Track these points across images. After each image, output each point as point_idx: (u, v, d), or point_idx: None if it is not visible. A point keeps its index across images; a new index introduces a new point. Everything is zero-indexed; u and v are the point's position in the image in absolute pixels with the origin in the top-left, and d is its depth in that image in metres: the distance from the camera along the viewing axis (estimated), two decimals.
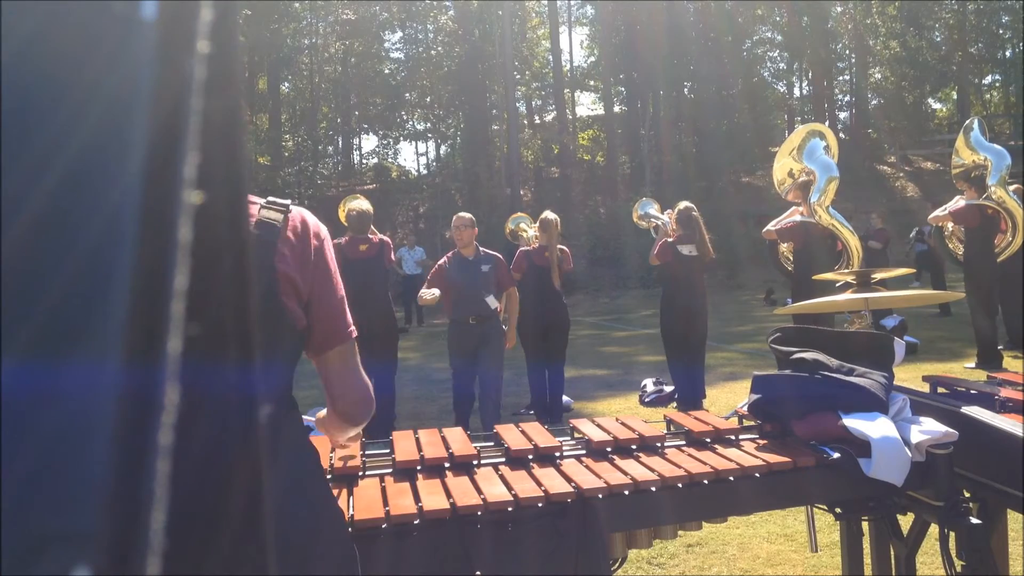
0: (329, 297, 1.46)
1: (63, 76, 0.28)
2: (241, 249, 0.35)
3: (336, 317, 1.47)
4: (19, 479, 0.25)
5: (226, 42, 0.33)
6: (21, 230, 0.27)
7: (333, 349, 1.48)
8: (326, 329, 1.46)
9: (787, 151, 6.81)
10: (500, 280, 6.06)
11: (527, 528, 1.80)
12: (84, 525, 0.25)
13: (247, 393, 0.36)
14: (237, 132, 0.36)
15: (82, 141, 0.28)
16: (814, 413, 2.22)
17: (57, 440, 0.26)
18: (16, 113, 0.27)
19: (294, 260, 1.39)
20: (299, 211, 1.46)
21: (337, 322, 1.48)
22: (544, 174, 30.68)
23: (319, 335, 1.46)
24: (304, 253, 1.41)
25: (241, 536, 0.34)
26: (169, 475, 0.28)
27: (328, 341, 1.47)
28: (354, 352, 1.52)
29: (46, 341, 0.26)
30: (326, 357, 1.49)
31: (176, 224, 0.29)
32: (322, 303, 1.44)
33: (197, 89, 0.31)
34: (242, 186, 0.36)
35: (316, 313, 1.44)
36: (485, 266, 5.95)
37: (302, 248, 1.41)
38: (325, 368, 1.50)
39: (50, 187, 0.27)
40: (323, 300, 1.44)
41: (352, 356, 1.51)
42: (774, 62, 35.14)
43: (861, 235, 8.17)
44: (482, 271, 5.92)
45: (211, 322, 0.32)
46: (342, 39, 30.27)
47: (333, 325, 1.47)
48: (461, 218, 6.13)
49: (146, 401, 0.27)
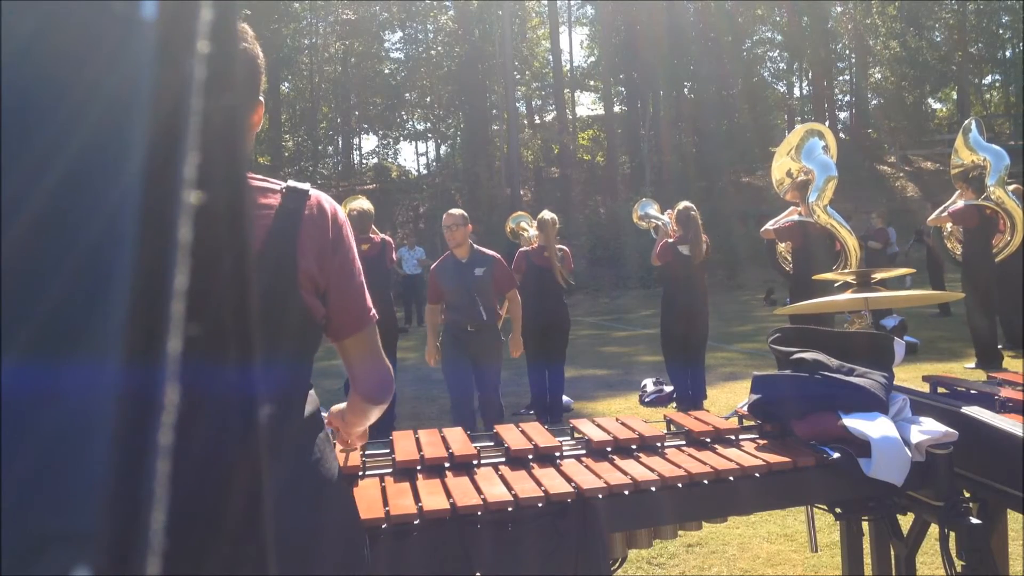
0: (349, 283, 1.46)
1: (63, 76, 0.28)
2: (241, 249, 0.35)
3: (357, 302, 1.47)
4: (19, 479, 0.25)
5: (226, 42, 0.33)
6: (21, 230, 0.27)
7: (355, 334, 1.48)
8: (347, 315, 1.46)
9: (786, 150, 6.81)
10: (498, 283, 5.50)
11: (527, 528, 1.80)
12: (84, 525, 0.25)
13: (247, 393, 0.36)
14: (237, 132, 0.36)
15: (82, 141, 0.28)
16: (814, 413, 2.22)
17: (57, 440, 0.26)
18: (16, 113, 0.27)
19: (313, 248, 1.39)
20: (317, 195, 1.45)
21: (358, 307, 1.48)
22: (544, 174, 30.68)
23: (341, 321, 1.46)
24: (323, 240, 1.41)
25: (241, 536, 0.34)
26: (169, 475, 0.28)
27: (350, 326, 1.47)
28: (375, 334, 1.53)
29: (46, 341, 0.26)
30: (348, 342, 1.49)
31: (176, 224, 0.29)
32: (342, 289, 1.44)
33: (197, 89, 0.31)
34: (242, 186, 0.36)
35: (337, 299, 1.44)
36: (479, 269, 5.38)
37: (321, 235, 1.41)
38: (347, 352, 1.50)
39: (50, 187, 0.27)
40: (344, 286, 1.44)
41: (374, 339, 1.52)
42: (774, 62, 35.17)
43: (861, 235, 8.17)
44: (475, 275, 5.35)
45: (211, 322, 0.32)
46: (342, 39, 30.27)
47: (355, 310, 1.47)
48: (451, 216, 5.46)
49: (146, 401, 0.27)
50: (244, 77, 1.39)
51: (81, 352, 0.26)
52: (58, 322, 0.26)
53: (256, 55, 1.39)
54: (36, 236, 0.27)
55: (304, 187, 1.44)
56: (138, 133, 0.28)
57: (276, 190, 1.41)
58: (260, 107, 1.46)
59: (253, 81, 1.40)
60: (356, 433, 1.72)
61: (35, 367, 0.26)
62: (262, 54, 1.42)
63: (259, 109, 1.46)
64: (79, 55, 0.28)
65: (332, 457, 1.48)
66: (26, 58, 0.28)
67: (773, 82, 35.08)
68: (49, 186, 0.27)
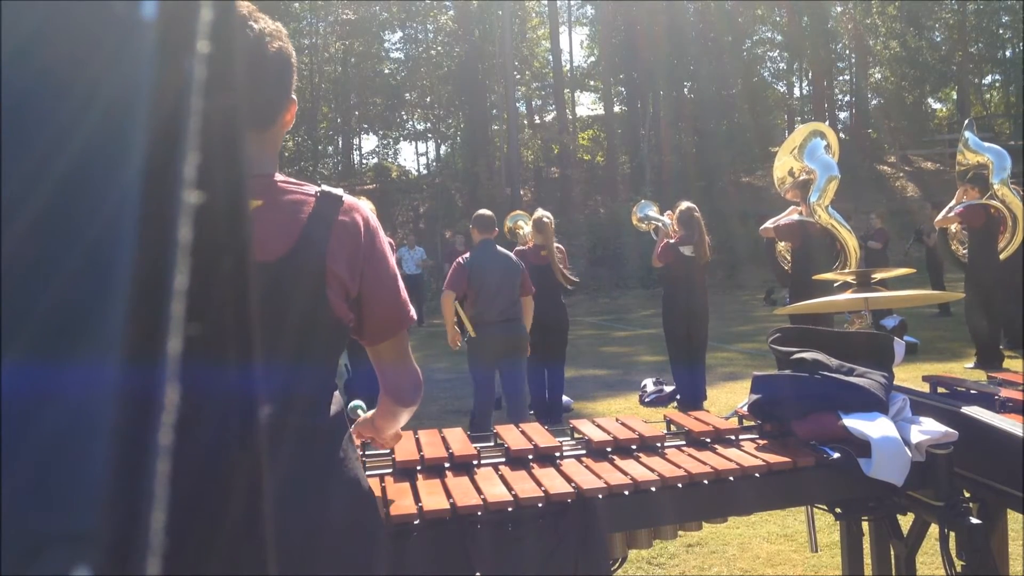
0: (384, 288, 1.45)
1: (63, 76, 0.28)
2: (241, 249, 0.35)
3: (393, 307, 1.47)
4: (19, 479, 0.25)
5: (226, 42, 0.33)
6: (21, 230, 0.27)
7: (390, 339, 1.48)
8: (383, 319, 1.46)
9: (788, 149, 6.81)
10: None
11: (527, 528, 1.80)
12: (84, 525, 0.25)
13: (247, 393, 0.36)
14: (237, 132, 0.36)
15: (82, 141, 0.28)
16: (814, 413, 2.22)
17: (57, 440, 0.26)
18: (16, 113, 0.27)
19: (344, 254, 1.39)
20: (351, 202, 1.44)
21: (395, 312, 1.47)
22: (544, 174, 30.68)
23: (376, 325, 1.46)
24: (355, 246, 1.40)
25: (241, 536, 0.34)
26: (169, 475, 0.28)
27: (385, 331, 1.48)
28: (407, 338, 1.53)
29: (46, 341, 0.26)
30: (383, 346, 1.49)
31: (176, 224, 0.29)
32: (377, 295, 1.44)
33: (197, 89, 0.31)
34: (242, 186, 0.36)
35: (372, 305, 1.43)
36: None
37: (353, 241, 1.40)
38: (380, 356, 1.50)
39: (50, 187, 0.27)
40: (378, 292, 1.44)
41: (406, 342, 1.52)
42: (774, 62, 35.16)
43: (861, 235, 8.17)
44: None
45: (211, 322, 0.32)
46: (342, 39, 30.26)
47: (390, 315, 1.47)
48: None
49: (146, 401, 0.27)
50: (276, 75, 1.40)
51: (81, 352, 0.26)
52: (58, 322, 0.26)
53: (290, 54, 1.40)
54: (36, 236, 0.27)
55: (338, 192, 1.44)
56: (138, 133, 0.28)
57: (311, 194, 1.41)
58: (293, 105, 1.47)
59: (286, 79, 1.41)
60: (390, 436, 1.73)
61: (35, 367, 0.26)
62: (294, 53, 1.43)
63: (292, 107, 1.46)
64: (79, 55, 0.28)
65: (356, 457, 1.49)
66: (26, 58, 0.28)
67: (773, 82, 35.09)
68: (49, 186, 0.27)
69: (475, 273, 5.42)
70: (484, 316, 5.43)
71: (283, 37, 1.39)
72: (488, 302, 5.42)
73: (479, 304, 5.44)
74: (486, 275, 5.41)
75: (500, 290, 5.43)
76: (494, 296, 5.42)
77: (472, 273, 5.43)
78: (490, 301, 5.41)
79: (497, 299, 5.42)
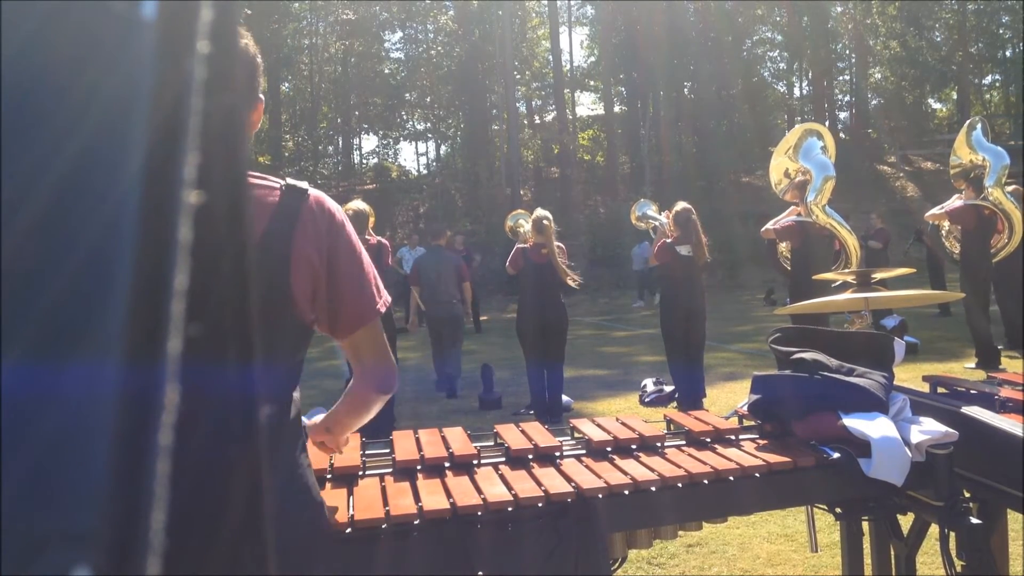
0: (353, 279, 1.45)
1: (63, 76, 0.28)
2: (241, 249, 0.35)
3: (363, 296, 1.46)
4: (19, 479, 0.25)
5: (226, 42, 0.33)
6: (21, 230, 0.27)
7: (362, 328, 1.48)
8: (354, 310, 1.45)
9: (783, 150, 6.81)
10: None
11: (527, 528, 1.80)
12: (84, 525, 0.25)
13: (247, 393, 0.36)
14: (237, 132, 0.36)
15: (82, 141, 0.28)
16: (814, 413, 2.22)
17: (57, 440, 0.26)
18: (16, 113, 0.27)
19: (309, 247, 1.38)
20: (316, 194, 1.44)
21: (365, 301, 1.47)
22: (544, 174, 30.68)
23: (347, 316, 1.45)
24: (320, 239, 1.40)
25: (241, 536, 0.34)
26: (169, 475, 0.28)
27: (357, 321, 1.47)
28: (381, 327, 1.52)
29: (46, 341, 0.26)
30: (359, 335, 1.48)
31: (176, 224, 0.29)
32: (345, 286, 1.43)
33: (197, 89, 0.31)
34: (242, 186, 0.36)
35: (341, 296, 1.43)
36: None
37: (318, 233, 1.40)
38: (357, 346, 1.50)
39: (50, 187, 0.27)
40: (346, 283, 1.43)
41: (381, 331, 1.52)
42: (774, 62, 35.16)
43: (861, 235, 8.17)
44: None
45: (211, 322, 0.32)
46: (342, 39, 30.27)
47: (361, 305, 1.46)
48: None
49: (146, 401, 0.27)
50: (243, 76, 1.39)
51: (81, 352, 0.26)
52: (58, 322, 0.26)
53: (253, 53, 1.39)
54: (36, 236, 0.27)
55: (303, 185, 1.43)
56: (138, 133, 0.28)
57: (275, 188, 1.40)
58: (260, 105, 1.46)
59: (251, 79, 1.40)
60: (342, 440, 1.72)
61: (35, 367, 0.26)
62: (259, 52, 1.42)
63: (258, 107, 1.46)
64: (79, 55, 0.28)
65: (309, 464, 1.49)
66: (26, 58, 0.28)
67: (773, 82, 35.07)
68: (49, 186, 0.27)
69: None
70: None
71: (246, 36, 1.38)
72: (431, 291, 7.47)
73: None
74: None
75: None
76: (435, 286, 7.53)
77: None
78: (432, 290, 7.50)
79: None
